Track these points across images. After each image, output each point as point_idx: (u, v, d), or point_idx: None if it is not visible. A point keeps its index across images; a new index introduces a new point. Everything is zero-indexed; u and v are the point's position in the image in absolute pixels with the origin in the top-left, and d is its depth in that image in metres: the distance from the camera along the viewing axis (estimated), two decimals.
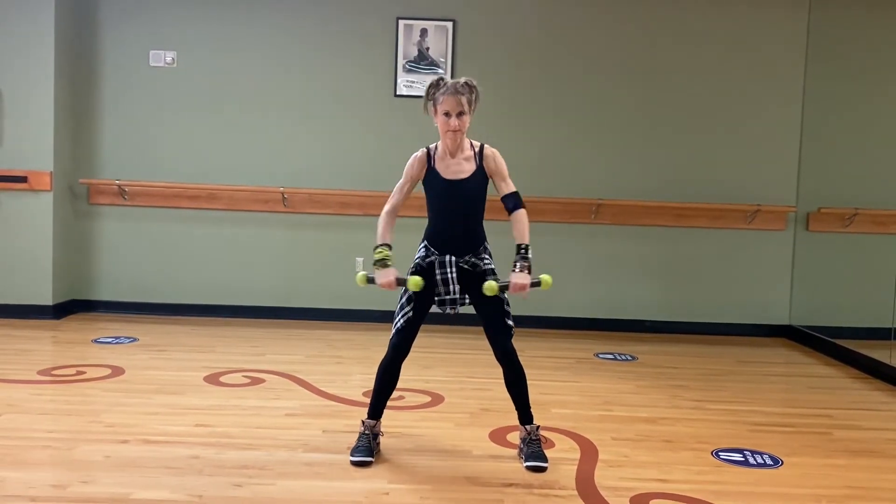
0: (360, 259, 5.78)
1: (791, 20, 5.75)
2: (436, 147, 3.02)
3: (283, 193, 5.72)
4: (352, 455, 2.93)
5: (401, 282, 2.92)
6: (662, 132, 5.79)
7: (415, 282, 2.86)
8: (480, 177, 2.98)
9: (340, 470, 2.86)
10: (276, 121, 5.77)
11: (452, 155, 2.97)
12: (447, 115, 2.88)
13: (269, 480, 2.74)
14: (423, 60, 5.71)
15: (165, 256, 5.82)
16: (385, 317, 5.16)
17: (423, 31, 5.70)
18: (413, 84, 5.71)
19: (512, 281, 2.87)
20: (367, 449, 2.94)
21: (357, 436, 3.02)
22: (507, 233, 2.98)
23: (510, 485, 2.76)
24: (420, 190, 3.07)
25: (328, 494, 2.64)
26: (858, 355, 4.90)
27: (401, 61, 5.72)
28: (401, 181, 3.04)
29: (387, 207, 3.03)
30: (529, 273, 2.89)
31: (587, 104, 5.78)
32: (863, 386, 4.51)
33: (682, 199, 5.76)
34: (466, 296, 3.01)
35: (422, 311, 2.99)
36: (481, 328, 3.02)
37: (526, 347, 3.30)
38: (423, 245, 3.05)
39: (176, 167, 5.74)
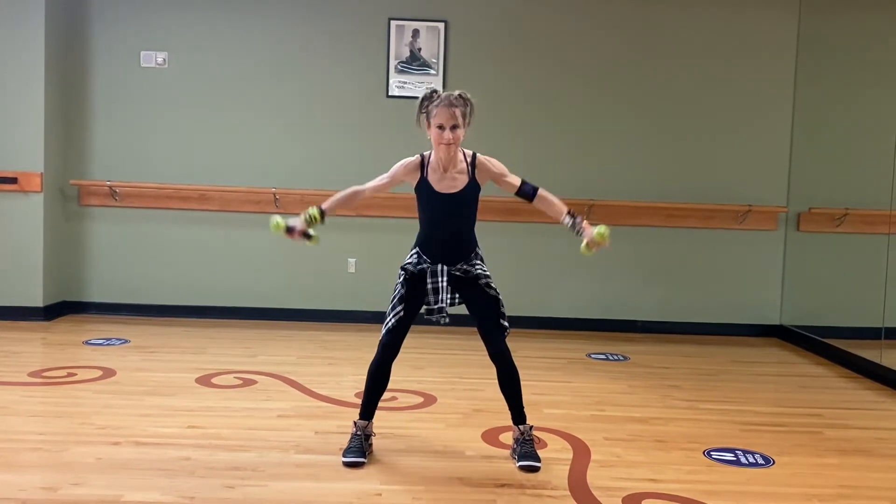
0: (352, 259, 5.78)
1: (782, 23, 5.78)
2: (430, 156, 2.97)
3: (275, 194, 5.71)
4: (344, 456, 2.92)
5: (307, 235, 2.90)
6: (654, 133, 5.81)
7: (315, 240, 2.90)
8: (473, 188, 2.96)
9: (332, 471, 2.85)
10: (267, 121, 5.76)
11: (445, 169, 2.94)
12: (440, 127, 2.84)
13: (261, 482, 2.73)
14: (414, 61, 5.71)
15: (157, 258, 5.80)
16: (376, 318, 5.15)
17: (415, 32, 5.70)
18: (405, 85, 5.71)
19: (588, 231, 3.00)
20: (359, 450, 2.94)
21: (349, 436, 3.01)
22: (502, 233, 2.98)
23: (503, 485, 2.76)
24: (409, 190, 3.05)
25: (320, 495, 2.63)
26: (849, 355, 4.92)
27: (392, 62, 5.71)
28: (384, 175, 3.00)
29: (357, 187, 2.99)
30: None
31: (579, 105, 5.79)
32: (853, 385, 4.53)
33: (673, 200, 5.78)
34: (457, 294, 3.00)
35: (413, 312, 2.98)
36: (472, 329, 3.02)
37: (518, 348, 3.30)
38: (415, 251, 3.03)
39: (167, 168, 5.73)
